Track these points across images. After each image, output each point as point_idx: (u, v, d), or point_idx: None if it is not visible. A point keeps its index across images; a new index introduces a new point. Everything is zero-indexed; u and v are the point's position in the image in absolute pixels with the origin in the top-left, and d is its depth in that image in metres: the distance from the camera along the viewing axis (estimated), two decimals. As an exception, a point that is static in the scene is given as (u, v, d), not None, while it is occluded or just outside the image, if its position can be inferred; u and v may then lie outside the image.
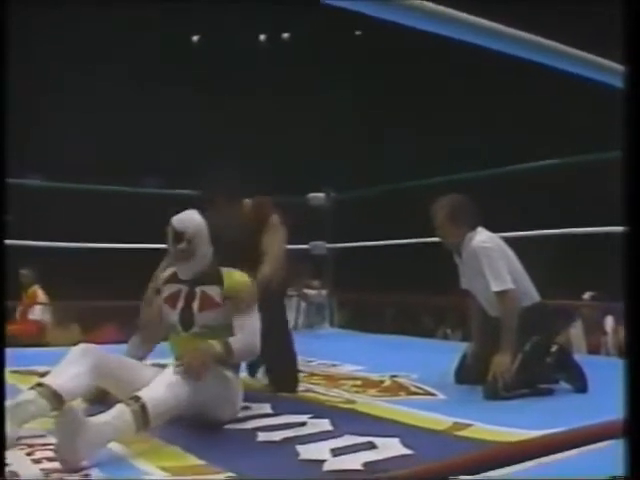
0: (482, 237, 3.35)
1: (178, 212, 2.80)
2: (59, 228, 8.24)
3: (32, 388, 2.36)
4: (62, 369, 2.43)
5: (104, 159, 13.68)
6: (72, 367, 2.43)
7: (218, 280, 2.76)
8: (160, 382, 2.32)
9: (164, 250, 3.02)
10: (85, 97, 13.64)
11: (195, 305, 2.75)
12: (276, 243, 3.33)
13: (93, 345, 2.57)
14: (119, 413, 2.18)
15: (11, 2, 1.49)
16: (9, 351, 4.50)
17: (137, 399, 2.22)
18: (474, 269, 3.32)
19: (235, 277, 2.78)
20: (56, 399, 2.33)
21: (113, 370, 2.54)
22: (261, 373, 3.44)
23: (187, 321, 2.75)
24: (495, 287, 3.21)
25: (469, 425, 2.55)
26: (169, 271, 2.91)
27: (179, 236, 2.72)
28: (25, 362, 3.78)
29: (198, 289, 2.77)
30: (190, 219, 2.77)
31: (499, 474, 1.41)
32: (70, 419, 2.05)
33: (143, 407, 2.20)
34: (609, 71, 1.61)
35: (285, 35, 16.39)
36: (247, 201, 3.34)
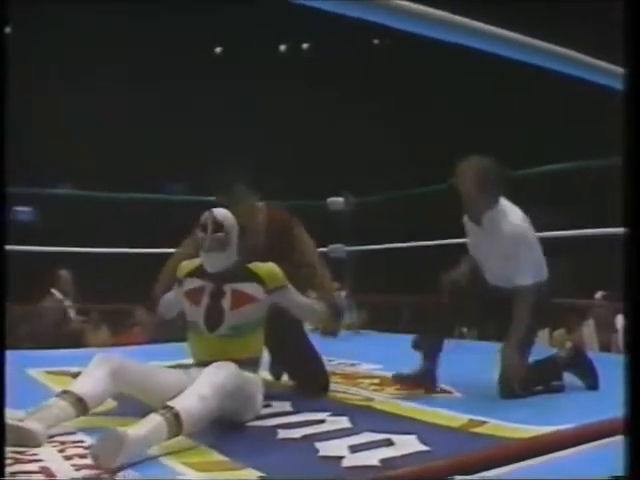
0: (518, 216, 3.20)
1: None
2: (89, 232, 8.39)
3: (57, 396, 2.46)
4: (84, 377, 2.53)
5: (131, 167, 13.83)
6: (93, 374, 2.52)
7: (252, 277, 2.81)
8: (193, 392, 2.35)
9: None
10: (110, 105, 13.82)
11: (226, 303, 2.77)
12: (316, 256, 3.39)
13: (112, 354, 2.66)
14: (155, 425, 2.19)
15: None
16: (42, 352, 4.62)
17: (170, 408, 2.25)
18: (497, 242, 3.17)
19: (267, 269, 2.84)
20: (80, 405, 2.44)
21: (134, 376, 2.59)
22: (286, 377, 3.48)
23: (214, 320, 2.77)
24: (526, 280, 3.12)
25: (484, 422, 2.60)
26: (192, 263, 2.92)
27: (218, 225, 2.77)
28: (57, 362, 3.90)
29: (227, 287, 2.79)
30: (227, 213, 2.83)
31: (501, 472, 1.47)
32: (112, 443, 2.05)
33: (176, 416, 2.23)
34: (609, 73, 1.65)
35: (305, 45, 16.49)
36: (260, 205, 3.32)
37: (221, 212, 2.82)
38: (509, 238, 3.13)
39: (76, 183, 12.77)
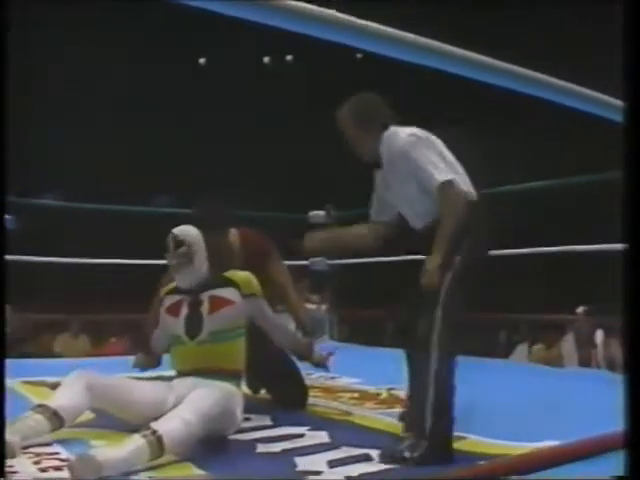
0: (407, 131, 2.73)
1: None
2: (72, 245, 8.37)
3: (33, 409, 2.47)
4: (60, 391, 2.55)
5: (115, 179, 13.79)
6: (69, 389, 2.54)
7: (228, 283, 2.89)
8: (177, 416, 2.36)
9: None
10: (97, 116, 13.80)
11: (204, 309, 2.83)
12: (289, 278, 3.47)
13: (87, 370, 2.64)
14: (136, 447, 2.18)
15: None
16: (20, 362, 4.59)
17: (153, 431, 2.24)
18: (400, 174, 2.70)
19: (243, 275, 2.93)
20: (56, 419, 2.46)
21: (109, 390, 2.60)
22: (263, 391, 3.48)
23: (194, 327, 2.82)
24: (439, 177, 2.58)
25: (463, 438, 2.58)
26: (170, 285, 3.01)
27: (180, 242, 2.85)
28: (36, 373, 3.86)
29: (205, 295, 2.86)
30: (188, 230, 2.91)
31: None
32: (88, 467, 2.05)
33: (159, 439, 2.23)
34: (608, 106, 1.66)
35: (289, 57, 16.53)
36: (233, 231, 3.37)
37: (181, 229, 2.90)
38: (399, 154, 2.69)
39: (62, 193, 12.72)
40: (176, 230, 2.89)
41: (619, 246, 1.34)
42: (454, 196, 2.59)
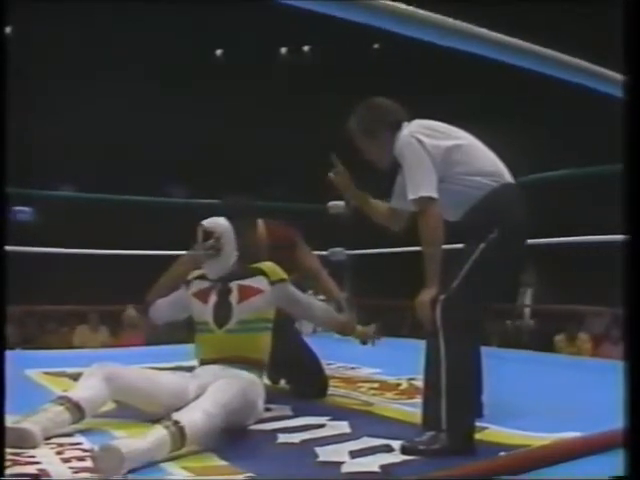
0: (412, 128, 2.63)
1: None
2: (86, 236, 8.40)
3: (53, 401, 2.47)
4: (80, 384, 2.56)
5: (135, 170, 13.85)
6: (89, 382, 2.55)
7: (255, 272, 2.92)
8: (199, 407, 2.35)
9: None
10: (113, 108, 13.85)
11: (233, 297, 2.87)
12: (318, 262, 3.56)
13: (108, 363, 2.64)
14: (158, 438, 2.17)
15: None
16: (41, 353, 4.63)
17: (175, 422, 2.23)
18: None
19: (269, 264, 2.97)
20: (77, 411, 2.46)
21: (129, 382, 2.60)
22: (283, 382, 3.49)
23: (223, 316, 2.85)
24: (411, 194, 2.50)
25: (484, 428, 2.56)
26: (198, 272, 3.01)
27: (208, 234, 2.87)
28: (56, 364, 3.88)
29: (234, 284, 2.89)
30: (218, 221, 2.92)
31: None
32: (112, 457, 2.04)
33: (181, 430, 2.22)
34: (609, 81, 1.64)
35: (306, 48, 16.51)
36: (260, 223, 3.38)
37: (210, 221, 2.92)
38: (401, 148, 2.59)
39: (76, 184, 12.80)
40: (205, 222, 2.90)
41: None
42: (428, 218, 2.47)
